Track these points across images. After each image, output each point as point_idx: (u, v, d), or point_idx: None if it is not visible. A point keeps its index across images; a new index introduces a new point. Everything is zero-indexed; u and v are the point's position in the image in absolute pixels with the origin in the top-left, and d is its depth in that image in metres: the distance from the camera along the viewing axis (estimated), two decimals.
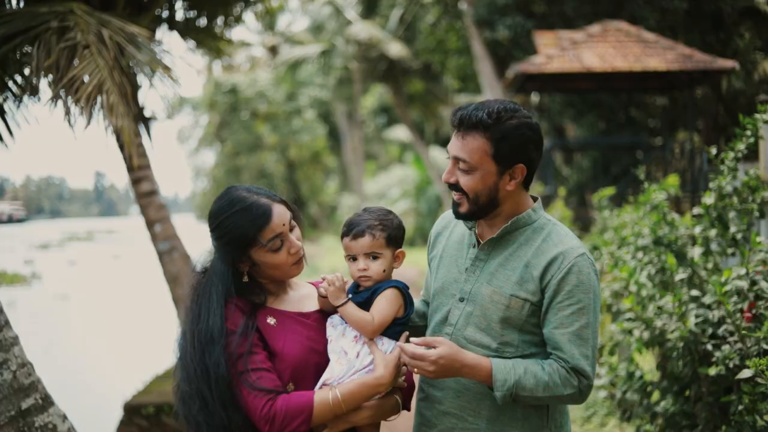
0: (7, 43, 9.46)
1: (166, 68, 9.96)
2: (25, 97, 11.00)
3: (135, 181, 11.74)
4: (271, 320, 3.49)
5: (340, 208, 48.91)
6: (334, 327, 3.54)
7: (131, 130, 9.43)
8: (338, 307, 3.46)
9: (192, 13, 12.94)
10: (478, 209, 3.47)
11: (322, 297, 3.53)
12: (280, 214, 3.48)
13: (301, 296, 3.69)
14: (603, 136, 21.10)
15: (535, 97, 22.23)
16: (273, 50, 50.32)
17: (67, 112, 9.43)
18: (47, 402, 5.76)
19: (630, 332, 6.64)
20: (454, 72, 26.55)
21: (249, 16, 45.99)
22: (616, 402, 7.14)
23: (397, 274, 3.68)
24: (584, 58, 16.91)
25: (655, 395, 6.66)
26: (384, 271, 3.55)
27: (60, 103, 9.57)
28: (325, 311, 3.62)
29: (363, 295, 3.53)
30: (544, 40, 18.20)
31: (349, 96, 41.20)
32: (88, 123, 9.48)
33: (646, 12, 19.32)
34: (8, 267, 38.55)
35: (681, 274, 6.20)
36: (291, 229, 3.54)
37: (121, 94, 9.20)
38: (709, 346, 5.61)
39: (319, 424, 3.36)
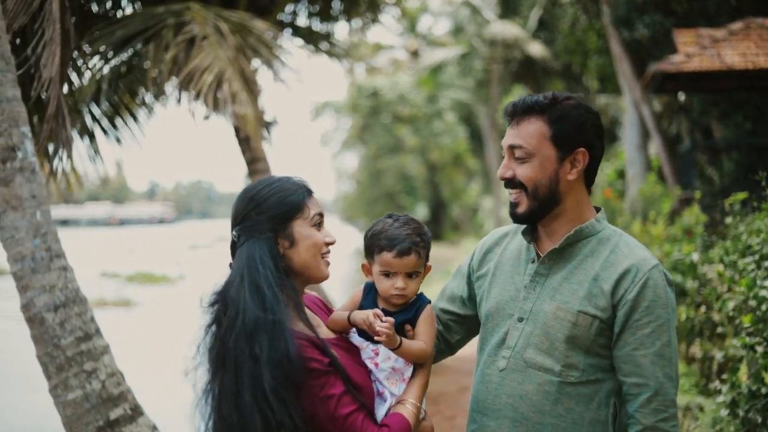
0: (126, 45, 9.60)
1: (284, 62, 9.95)
2: (155, 102, 11.22)
3: None
4: (333, 352, 3.18)
5: (481, 210, 48.62)
6: (367, 346, 3.32)
7: (255, 118, 9.39)
8: (395, 349, 3.21)
9: (315, 20, 12.92)
10: (538, 206, 3.20)
11: (379, 339, 3.18)
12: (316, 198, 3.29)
13: (312, 317, 3.37)
14: (750, 136, 20.27)
15: (680, 97, 21.52)
16: (415, 53, 50.47)
17: (188, 103, 9.55)
18: (137, 412, 5.73)
19: (752, 348, 6.21)
20: (594, 72, 26.02)
21: (386, 19, 46.27)
22: (740, 420, 6.71)
23: None
24: (725, 56, 16.22)
25: None
26: (418, 289, 3.35)
27: (184, 99, 9.71)
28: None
29: (405, 315, 3.31)
30: (683, 38, 17.56)
31: (488, 98, 40.94)
32: (211, 113, 9.54)
33: None
34: (157, 267, 39.62)
35: None
36: None
37: (243, 83, 9.19)
38: None
39: None
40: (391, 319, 3.17)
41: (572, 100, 3.20)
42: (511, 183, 3.24)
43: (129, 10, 10.79)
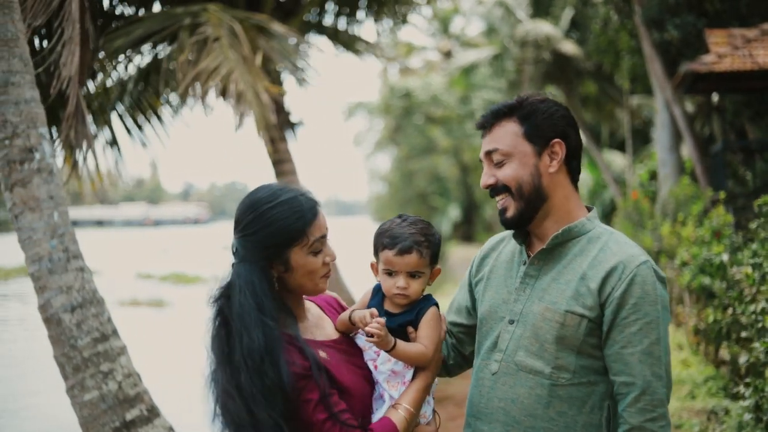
0: (144, 42, 9.70)
1: (302, 64, 9.98)
2: (181, 104, 11.29)
3: None
4: (323, 354, 3.17)
5: None
6: (369, 348, 3.30)
7: (263, 116, 9.42)
8: (390, 351, 3.19)
9: (342, 20, 12.94)
10: (525, 206, 3.18)
11: (370, 341, 3.18)
12: (323, 215, 3.21)
13: (317, 319, 3.38)
14: None
15: (714, 98, 21.30)
16: (448, 54, 50.42)
17: (202, 103, 9.63)
18: (153, 413, 5.73)
19: None
20: (626, 72, 25.83)
21: (416, 19, 46.27)
22: (764, 424, 6.63)
23: None
24: (757, 56, 16.03)
25: None
26: (422, 290, 3.30)
27: (207, 100, 9.80)
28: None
29: (406, 317, 3.27)
30: (715, 38, 17.39)
31: None
32: (241, 121, 9.59)
33: None
34: (190, 268, 39.84)
35: None
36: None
37: (250, 83, 9.22)
38: None
39: None
40: (382, 320, 3.14)
41: (539, 96, 3.25)
42: (495, 189, 3.23)
43: (150, 11, 10.88)
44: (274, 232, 3.10)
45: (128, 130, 10.90)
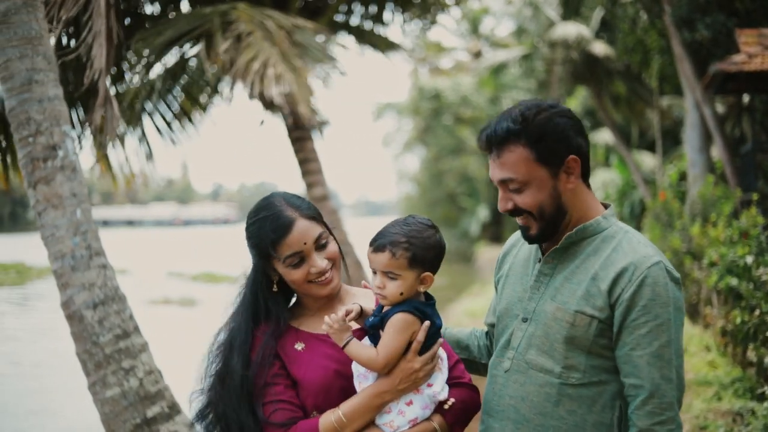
0: (174, 44, 9.77)
1: (332, 59, 10.04)
2: (210, 103, 11.37)
3: (308, 186, 11.78)
4: (299, 346, 3.32)
5: None
6: None
7: (302, 93, 9.49)
8: (343, 347, 3.15)
9: (369, 20, 12.97)
10: (547, 225, 3.13)
11: (327, 332, 3.21)
12: (303, 230, 3.25)
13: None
14: None
15: (745, 98, 21.14)
16: (478, 55, 50.36)
17: (233, 96, 9.74)
18: (174, 410, 5.75)
19: None
20: (655, 72, 25.66)
21: (445, 20, 46.24)
22: None
23: None
24: None
25: None
26: (401, 294, 3.15)
27: (238, 97, 9.90)
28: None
29: (374, 319, 3.21)
30: (745, 38, 17.25)
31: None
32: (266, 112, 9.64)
33: None
34: (220, 267, 39.98)
35: None
36: (323, 247, 3.29)
37: (288, 67, 9.31)
38: None
39: None
40: (335, 315, 3.13)
41: (543, 112, 3.07)
42: (515, 212, 3.16)
43: (178, 11, 10.95)
44: (252, 245, 3.36)
45: (158, 130, 10.99)
